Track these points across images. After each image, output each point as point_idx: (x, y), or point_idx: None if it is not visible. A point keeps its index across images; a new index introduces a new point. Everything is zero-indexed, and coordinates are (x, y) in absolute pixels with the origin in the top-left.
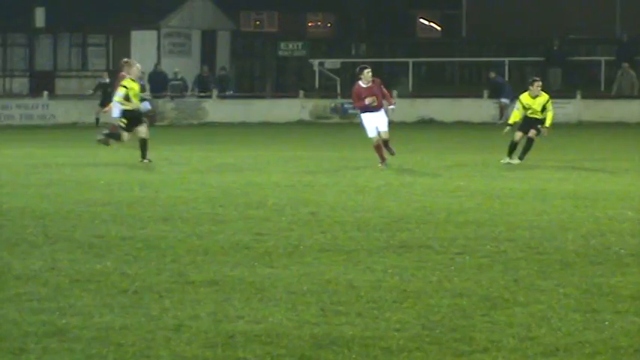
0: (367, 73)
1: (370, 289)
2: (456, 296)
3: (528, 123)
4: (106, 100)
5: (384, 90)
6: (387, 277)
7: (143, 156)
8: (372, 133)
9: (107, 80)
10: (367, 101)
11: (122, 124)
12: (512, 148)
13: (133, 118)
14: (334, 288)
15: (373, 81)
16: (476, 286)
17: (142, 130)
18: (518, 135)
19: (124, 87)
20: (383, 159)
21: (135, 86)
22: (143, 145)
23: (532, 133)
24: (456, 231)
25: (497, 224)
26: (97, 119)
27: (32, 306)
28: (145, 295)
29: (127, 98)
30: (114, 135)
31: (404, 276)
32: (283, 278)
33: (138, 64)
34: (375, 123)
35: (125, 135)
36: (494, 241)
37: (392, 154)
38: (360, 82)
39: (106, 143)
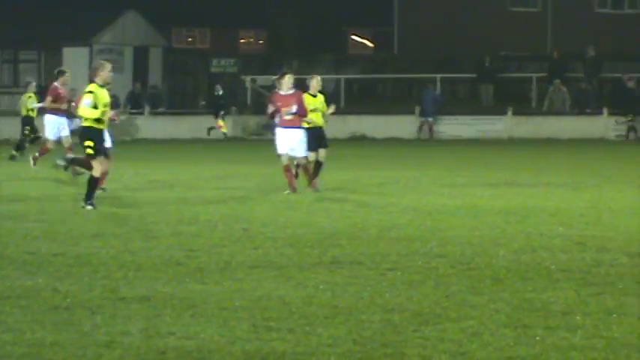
0: (288, 78)
1: (302, 305)
2: (388, 312)
3: None
4: (219, 111)
5: (304, 105)
6: (319, 293)
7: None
8: (281, 149)
9: (221, 92)
10: (283, 111)
11: (89, 148)
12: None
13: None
14: (266, 304)
15: (295, 90)
16: (407, 302)
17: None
18: None
19: (90, 92)
20: (293, 187)
21: (103, 94)
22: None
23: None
24: (387, 247)
25: (429, 240)
26: (209, 129)
27: None
28: (76, 311)
29: (95, 107)
30: (79, 162)
31: (335, 292)
32: (215, 294)
33: (109, 67)
34: (289, 143)
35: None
36: (425, 257)
37: (315, 188)
38: (280, 90)
39: (75, 173)
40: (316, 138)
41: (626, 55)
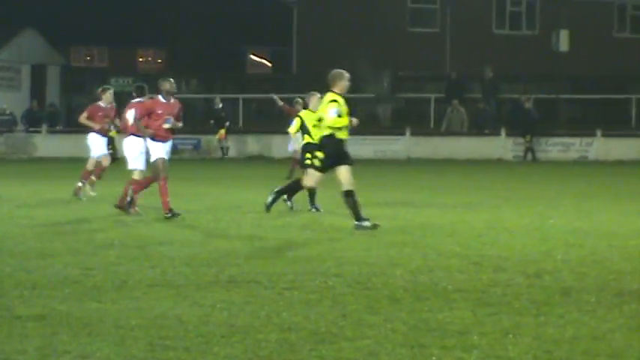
0: (109, 94)
1: (198, 323)
2: (285, 331)
3: None
4: (219, 125)
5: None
6: (216, 311)
7: None
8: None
9: (220, 105)
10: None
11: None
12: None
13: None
14: (162, 323)
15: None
16: (304, 321)
17: None
18: None
19: (335, 101)
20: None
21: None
22: None
23: None
24: (284, 266)
25: (326, 259)
26: (223, 148)
27: None
28: None
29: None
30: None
31: (232, 311)
32: (112, 313)
33: (347, 76)
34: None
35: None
36: (322, 277)
37: (135, 210)
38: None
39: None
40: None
41: (523, 76)
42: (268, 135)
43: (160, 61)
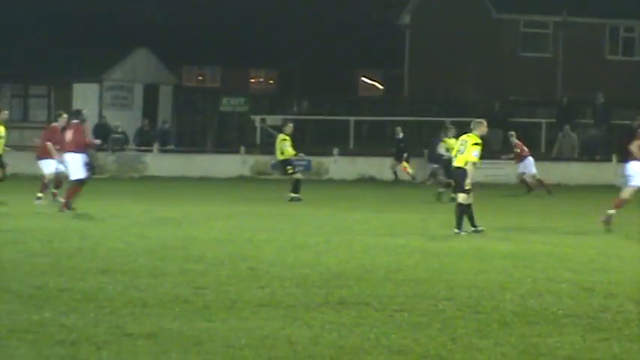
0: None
1: (308, 344)
2: (394, 353)
3: None
4: (399, 155)
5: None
6: (325, 333)
7: None
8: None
9: (401, 135)
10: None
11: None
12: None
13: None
14: (272, 343)
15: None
16: (413, 344)
17: None
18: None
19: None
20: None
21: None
22: None
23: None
24: (394, 288)
25: (436, 283)
26: (396, 173)
27: None
28: (82, 346)
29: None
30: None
31: (342, 332)
32: (221, 332)
33: (485, 124)
34: None
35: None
36: (432, 300)
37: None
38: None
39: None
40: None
41: (635, 102)
42: (379, 157)
43: (271, 81)
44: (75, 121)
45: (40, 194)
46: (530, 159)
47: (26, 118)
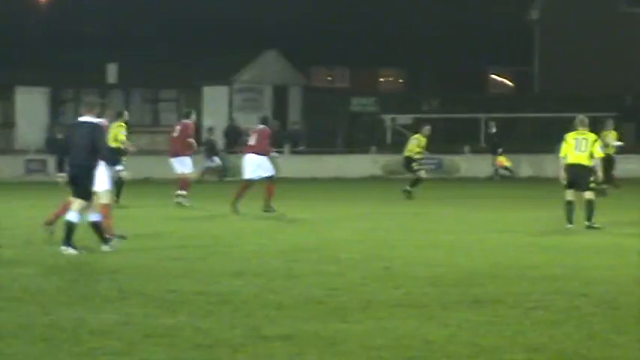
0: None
1: (444, 343)
2: (530, 351)
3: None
4: (493, 149)
5: None
6: (461, 331)
7: None
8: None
9: (494, 130)
10: None
11: None
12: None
13: None
14: (408, 343)
15: None
16: (550, 342)
17: None
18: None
19: None
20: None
21: None
22: None
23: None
24: (529, 286)
25: (571, 279)
26: (497, 170)
27: None
28: (218, 349)
29: None
30: None
31: (478, 331)
32: (357, 333)
33: None
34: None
35: None
36: (568, 296)
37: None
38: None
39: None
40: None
41: None
42: (510, 154)
43: (401, 81)
44: (261, 126)
45: (181, 192)
46: None
47: (157, 123)
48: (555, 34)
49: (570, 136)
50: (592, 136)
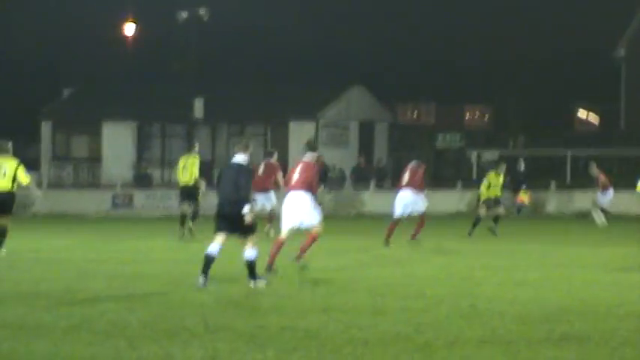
0: None
1: None
2: None
3: None
4: (517, 186)
5: None
6: None
7: None
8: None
9: (522, 168)
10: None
11: None
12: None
13: None
14: None
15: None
16: None
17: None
18: None
19: None
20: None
21: None
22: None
23: None
24: (616, 323)
25: None
26: (516, 206)
27: None
28: None
29: None
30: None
31: None
32: None
33: None
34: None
35: None
36: None
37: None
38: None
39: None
40: None
41: None
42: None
43: (486, 117)
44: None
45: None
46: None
47: None
48: None
49: None
50: None
